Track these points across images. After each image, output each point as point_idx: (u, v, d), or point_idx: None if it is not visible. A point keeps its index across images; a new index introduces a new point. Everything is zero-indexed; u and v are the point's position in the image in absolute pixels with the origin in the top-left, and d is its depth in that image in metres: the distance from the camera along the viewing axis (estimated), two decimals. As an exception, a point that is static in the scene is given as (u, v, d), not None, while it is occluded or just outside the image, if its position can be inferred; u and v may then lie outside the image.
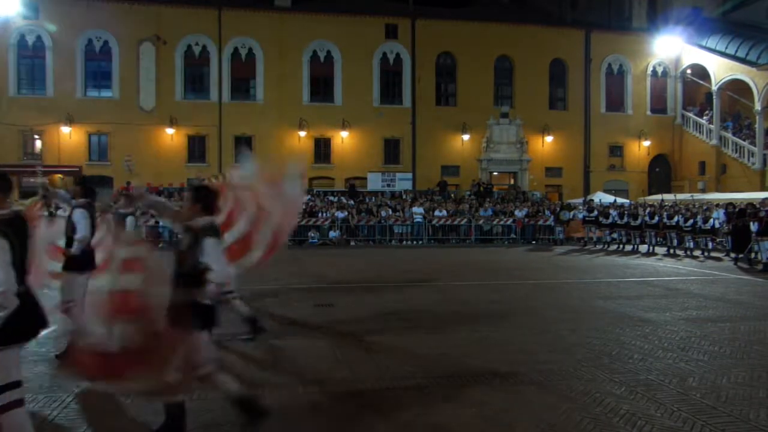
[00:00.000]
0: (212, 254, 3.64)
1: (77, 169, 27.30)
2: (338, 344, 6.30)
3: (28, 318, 3.23)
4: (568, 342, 6.46)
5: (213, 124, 28.25)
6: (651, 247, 19.13)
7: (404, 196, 25.63)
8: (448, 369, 5.40)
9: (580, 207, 23.45)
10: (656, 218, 19.40)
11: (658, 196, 25.58)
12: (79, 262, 5.77)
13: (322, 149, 29.45)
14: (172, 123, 27.66)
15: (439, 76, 30.69)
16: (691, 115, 31.84)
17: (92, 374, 3.58)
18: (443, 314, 8.08)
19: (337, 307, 8.52)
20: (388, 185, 27.90)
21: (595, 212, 21.05)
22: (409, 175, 29.36)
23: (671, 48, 31.46)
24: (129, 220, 7.94)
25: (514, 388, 4.86)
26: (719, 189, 27.89)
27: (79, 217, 5.80)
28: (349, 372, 5.30)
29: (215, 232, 3.79)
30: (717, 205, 19.99)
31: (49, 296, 5.92)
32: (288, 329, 7.17)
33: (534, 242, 22.34)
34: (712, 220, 18.23)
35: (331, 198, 25.03)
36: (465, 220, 22.52)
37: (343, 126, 29.06)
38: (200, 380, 3.76)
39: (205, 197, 3.92)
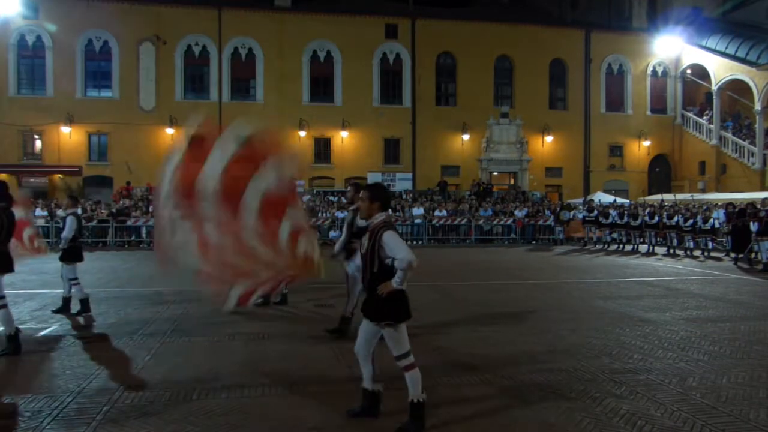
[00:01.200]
0: (393, 243, 3.78)
1: (77, 169, 27.33)
2: (338, 344, 6.29)
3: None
4: (568, 342, 6.46)
5: (213, 124, 28.20)
6: (651, 247, 19.13)
7: (404, 197, 25.63)
8: (448, 369, 5.40)
9: (580, 207, 23.46)
10: (656, 218, 19.40)
11: (658, 196, 25.59)
12: None
13: (322, 149, 29.46)
14: (172, 123, 27.66)
15: (439, 76, 30.71)
16: (691, 115, 31.85)
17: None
18: (443, 314, 8.08)
19: (338, 308, 8.51)
20: (388, 185, 27.90)
21: (595, 212, 21.05)
22: (409, 175, 29.39)
23: (671, 48, 31.47)
24: (69, 220, 8.01)
25: (515, 388, 4.86)
26: (719, 189, 27.90)
27: None
28: (348, 371, 5.29)
29: (390, 225, 3.97)
30: (717, 205, 19.99)
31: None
32: (288, 329, 7.17)
33: (534, 242, 22.34)
34: (712, 220, 18.23)
35: (331, 198, 25.05)
36: (465, 220, 22.52)
37: (343, 126, 29.07)
38: (403, 370, 3.97)
39: (383, 195, 4.08)
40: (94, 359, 5.80)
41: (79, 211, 9.36)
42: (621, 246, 20.16)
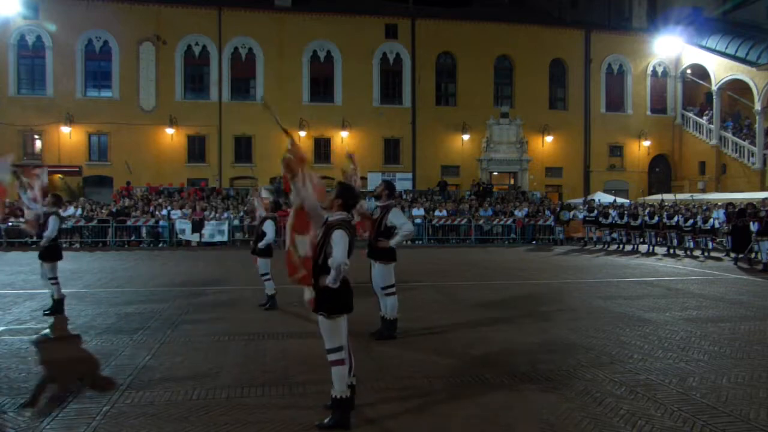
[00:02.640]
0: (337, 242, 3.92)
1: (77, 169, 27.33)
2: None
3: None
4: (568, 342, 6.46)
5: (213, 124, 28.27)
6: (651, 247, 19.13)
7: (404, 196, 25.62)
8: (448, 369, 5.40)
9: (580, 207, 23.45)
10: (656, 218, 19.40)
11: (658, 196, 25.59)
12: None
13: (322, 149, 29.46)
14: (172, 123, 27.68)
15: (439, 76, 30.72)
16: (691, 115, 31.86)
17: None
18: (443, 314, 8.08)
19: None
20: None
21: (595, 212, 21.04)
22: (409, 175, 29.37)
23: (671, 48, 31.48)
24: (52, 220, 7.99)
25: (514, 388, 4.86)
26: (719, 189, 27.90)
27: None
28: (349, 372, 5.30)
29: (345, 226, 4.06)
30: (717, 205, 19.99)
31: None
32: (288, 329, 7.17)
33: (534, 242, 22.33)
34: (712, 220, 18.23)
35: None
36: (465, 220, 22.52)
37: (343, 126, 29.07)
38: (330, 363, 4.04)
39: (347, 194, 4.20)
40: (94, 359, 5.80)
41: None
42: (621, 246, 20.15)
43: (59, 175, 27.39)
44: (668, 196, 24.44)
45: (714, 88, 29.55)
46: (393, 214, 6.33)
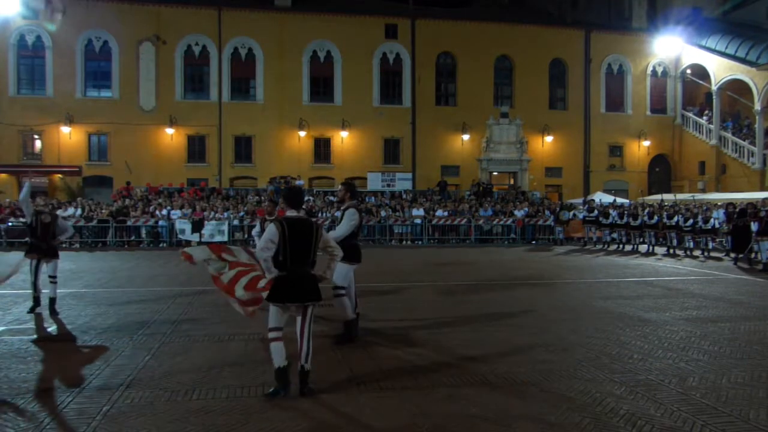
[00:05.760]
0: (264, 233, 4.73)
1: (77, 169, 27.34)
2: (338, 344, 6.30)
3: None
4: (568, 342, 6.45)
5: (213, 124, 28.28)
6: (651, 247, 19.13)
7: (404, 196, 25.62)
8: (449, 369, 5.40)
9: (581, 207, 23.44)
10: (656, 218, 19.40)
11: (658, 196, 25.60)
12: None
13: (322, 149, 29.47)
14: (172, 123, 27.69)
15: (439, 76, 30.73)
16: (691, 115, 31.87)
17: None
18: (443, 314, 8.08)
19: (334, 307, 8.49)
20: (388, 185, 27.91)
21: (595, 212, 21.03)
22: (409, 175, 29.39)
23: (671, 48, 31.49)
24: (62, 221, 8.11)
25: (514, 388, 4.86)
26: (719, 189, 27.92)
27: None
28: (349, 372, 5.30)
29: (276, 220, 4.78)
30: (717, 205, 19.99)
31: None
32: (288, 330, 7.15)
33: (534, 242, 22.33)
34: (712, 220, 18.22)
35: (331, 198, 25.01)
36: (465, 220, 22.52)
37: (343, 126, 29.08)
38: (268, 341, 4.88)
39: (284, 197, 5.10)
40: (94, 359, 5.80)
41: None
42: (621, 246, 20.15)
43: (59, 176, 27.40)
44: (668, 196, 24.46)
45: (714, 88, 29.56)
46: (347, 214, 6.52)
